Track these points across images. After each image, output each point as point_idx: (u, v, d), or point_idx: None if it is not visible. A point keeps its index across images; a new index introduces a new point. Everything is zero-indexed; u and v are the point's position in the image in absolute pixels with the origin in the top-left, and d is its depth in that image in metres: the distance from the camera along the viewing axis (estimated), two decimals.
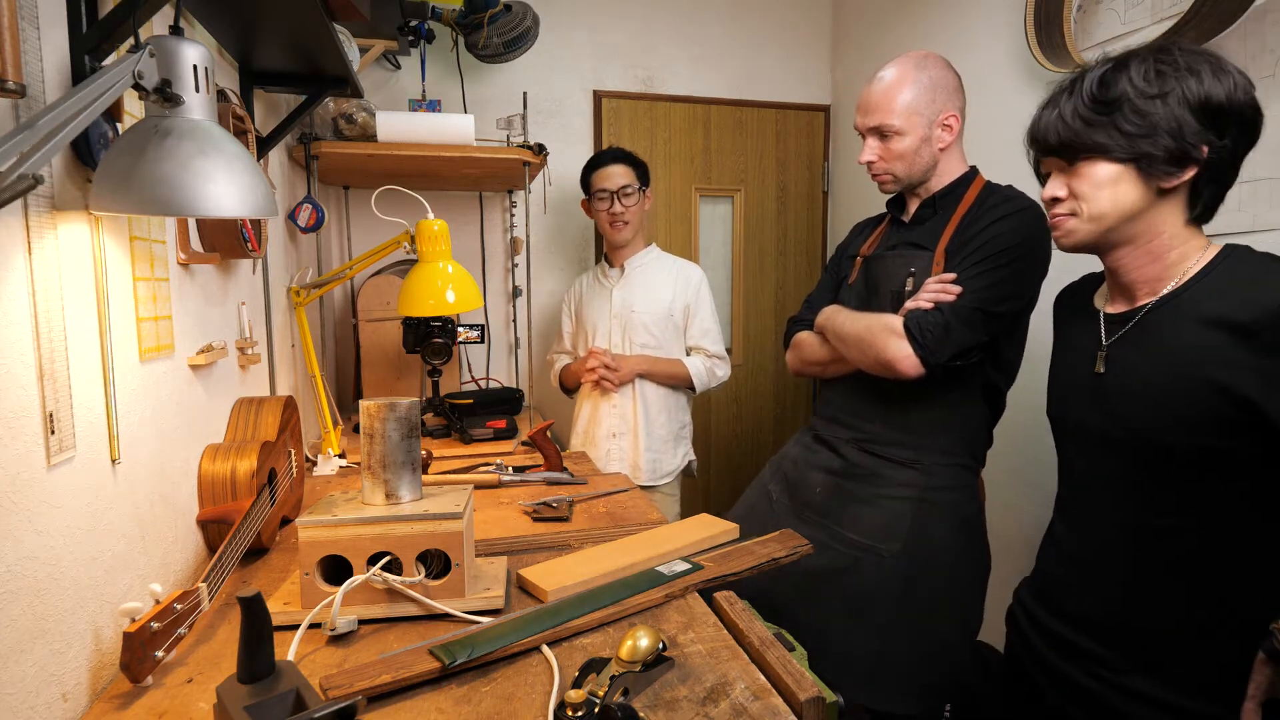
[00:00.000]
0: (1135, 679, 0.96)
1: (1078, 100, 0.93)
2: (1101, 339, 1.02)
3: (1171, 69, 0.89)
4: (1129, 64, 0.91)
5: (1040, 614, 1.10)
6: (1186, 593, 0.93)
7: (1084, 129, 0.92)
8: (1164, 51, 0.91)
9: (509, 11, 2.28)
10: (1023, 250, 1.26)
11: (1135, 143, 0.90)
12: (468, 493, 0.99)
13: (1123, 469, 0.98)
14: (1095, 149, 0.92)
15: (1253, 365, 0.84)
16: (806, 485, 1.49)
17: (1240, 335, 0.86)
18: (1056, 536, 1.11)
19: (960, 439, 1.38)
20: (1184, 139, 0.88)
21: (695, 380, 2.11)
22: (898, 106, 1.35)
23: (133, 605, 0.77)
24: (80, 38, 0.79)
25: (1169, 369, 0.92)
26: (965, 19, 2.17)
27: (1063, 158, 0.97)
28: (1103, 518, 1.01)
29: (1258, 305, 0.85)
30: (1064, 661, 1.05)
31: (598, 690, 0.72)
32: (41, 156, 0.56)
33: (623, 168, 2.11)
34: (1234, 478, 0.89)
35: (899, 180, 1.41)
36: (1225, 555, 0.91)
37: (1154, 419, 0.93)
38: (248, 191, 0.77)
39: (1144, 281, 0.97)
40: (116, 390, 0.87)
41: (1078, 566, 1.05)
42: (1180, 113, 0.88)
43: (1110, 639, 0.99)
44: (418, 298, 1.58)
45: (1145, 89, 0.89)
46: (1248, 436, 0.86)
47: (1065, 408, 1.09)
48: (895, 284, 1.39)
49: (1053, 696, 1.07)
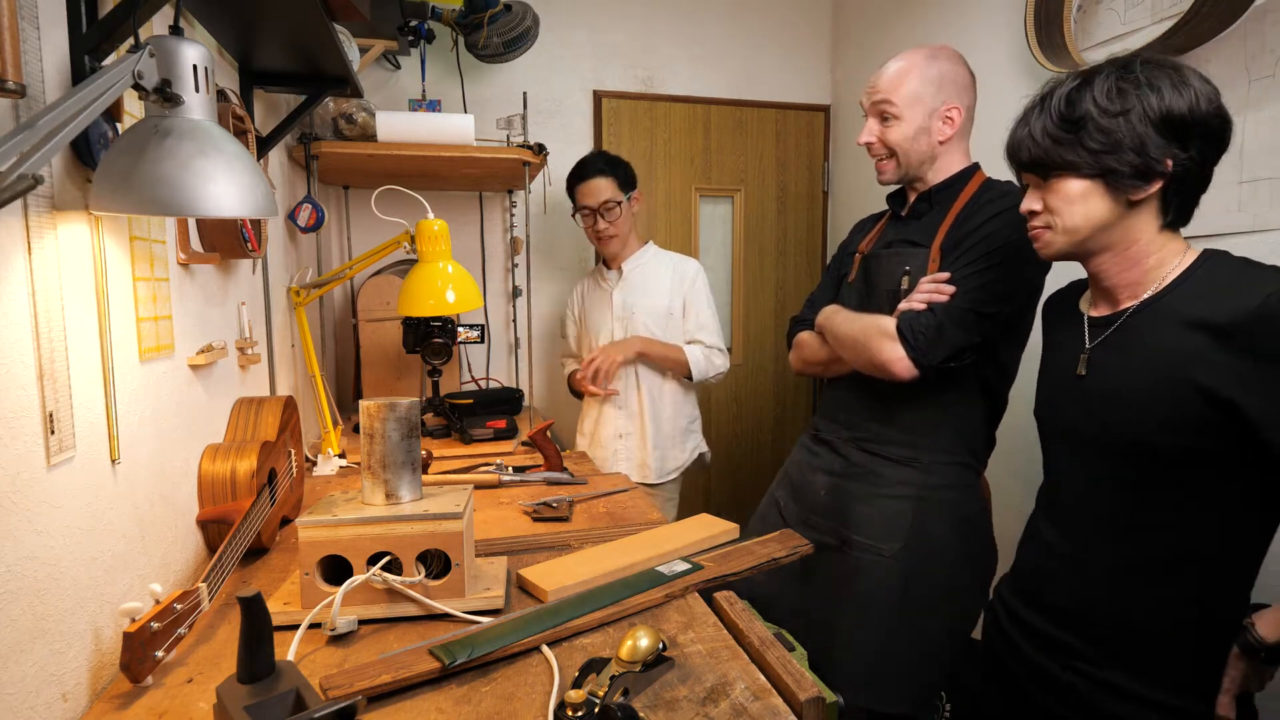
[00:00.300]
0: (1111, 672, 0.99)
1: (1046, 119, 0.96)
2: (1085, 342, 1.05)
3: (1132, 86, 0.91)
4: (1093, 81, 0.94)
5: (1018, 607, 1.12)
6: (1162, 589, 0.96)
7: (1053, 147, 0.96)
8: (1126, 68, 0.93)
9: (509, 11, 2.28)
10: (1016, 246, 1.26)
11: (1101, 159, 0.93)
12: (468, 493, 0.99)
13: (1103, 469, 1.01)
14: (1065, 166, 0.96)
15: (1232, 366, 0.87)
16: (811, 489, 1.50)
17: (1220, 337, 0.88)
18: (1037, 532, 1.13)
19: (959, 437, 1.38)
20: (1147, 154, 0.91)
21: (693, 367, 2.08)
22: (901, 91, 1.35)
23: (133, 605, 0.77)
24: (80, 38, 0.79)
25: (1150, 372, 0.94)
26: (965, 19, 2.17)
27: (1035, 174, 1.01)
28: (1083, 514, 1.04)
29: (1235, 308, 0.87)
30: (1039, 654, 1.07)
31: (598, 690, 0.72)
32: (41, 156, 0.56)
33: (603, 180, 2.05)
34: (1212, 478, 0.92)
35: (897, 167, 1.40)
36: (1202, 553, 0.94)
37: (1135, 421, 0.95)
38: (248, 191, 0.77)
39: (1124, 286, 1.00)
40: (116, 390, 0.87)
41: (1056, 560, 1.07)
42: (1142, 129, 0.90)
43: (1086, 632, 1.02)
44: (418, 298, 1.58)
45: (1108, 107, 0.92)
46: (1227, 437, 0.89)
47: (1050, 409, 1.12)
48: (891, 283, 1.38)
49: (1028, 687, 1.09)
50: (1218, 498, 0.92)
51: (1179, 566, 0.95)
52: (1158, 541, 0.96)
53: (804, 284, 3.00)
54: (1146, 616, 0.97)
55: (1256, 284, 0.88)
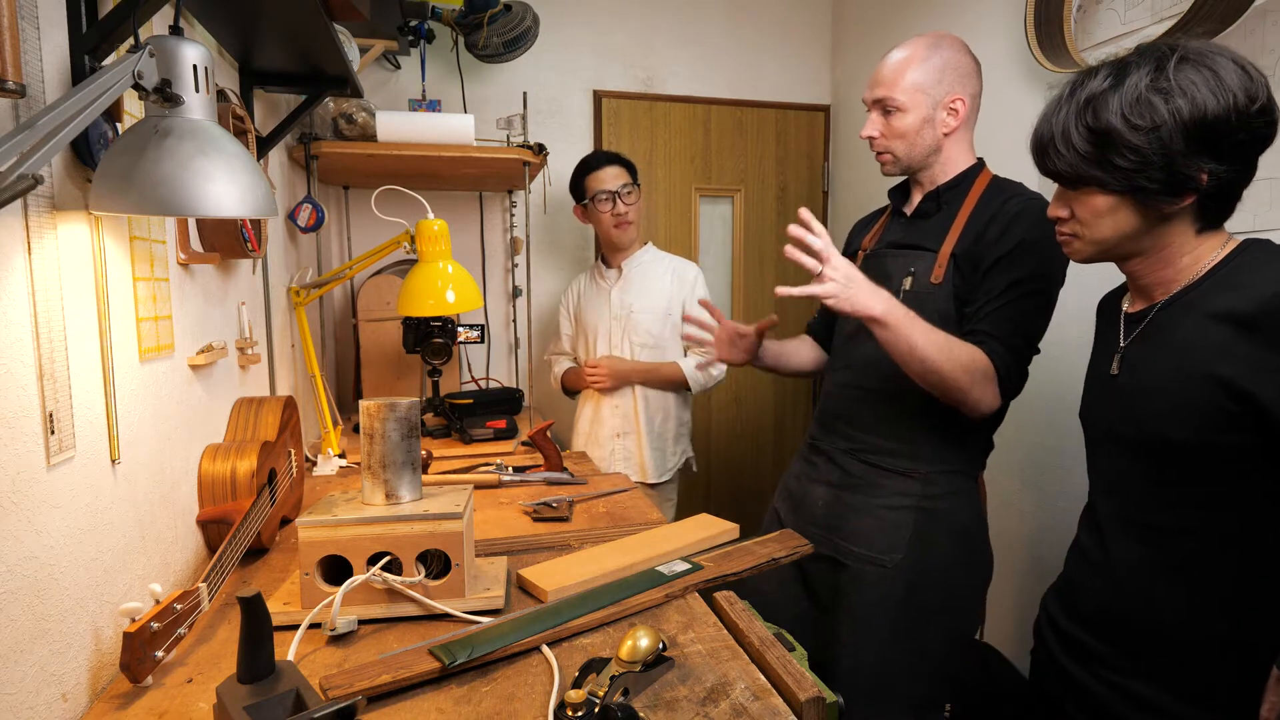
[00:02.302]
0: (1138, 683, 0.95)
1: (1072, 124, 0.91)
2: (1120, 340, 1.02)
3: (1162, 96, 0.85)
4: (1124, 83, 0.88)
5: (1060, 617, 1.09)
6: (1190, 597, 0.92)
7: (1079, 161, 0.91)
8: (1159, 68, 0.87)
9: (509, 11, 2.28)
10: (1051, 259, 1.23)
11: (1130, 177, 0.88)
12: (468, 493, 0.99)
13: (1134, 468, 0.98)
14: (1092, 181, 0.91)
15: (1252, 358, 0.83)
16: (810, 500, 1.49)
17: (1243, 329, 0.85)
18: (1078, 538, 1.10)
19: (959, 447, 1.36)
20: (1177, 170, 0.86)
21: (691, 383, 2.12)
22: (903, 83, 1.31)
23: (133, 605, 0.77)
24: (80, 38, 0.79)
25: (1176, 366, 0.91)
26: (965, 19, 2.17)
27: (1062, 184, 0.97)
28: (1115, 517, 1.01)
29: (1256, 297, 0.84)
30: (1075, 664, 1.04)
31: (598, 690, 0.72)
32: (41, 156, 0.56)
33: (617, 168, 2.11)
34: (1238, 476, 0.88)
35: (899, 161, 1.37)
36: (1229, 559, 0.90)
37: (1161, 416, 0.92)
38: (248, 191, 0.77)
39: (1159, 284, 0.97)
40: (116, 390, 0.87)
41: (1091, 567, 1.04)
42: (1173, 144, 0.85)
43: (1116, 641, 0.99)
44: (418, 298, 1.58)
45: (1137, 123, 0.86)
46: (1251, 432, 0.85)
47: (1089, 409, 1.09)
48: (894, 284, 1.36)
49: (1064, 699, 1.06)
50: (1245, 498, 0.88)
51: (1206, 573, 0.91)
52: (1184, 546, 0.92)
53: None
54: (1176, 627, 0.92)
55: None
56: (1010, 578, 2.02)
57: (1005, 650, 1.92)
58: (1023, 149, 1.05)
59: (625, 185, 2.09)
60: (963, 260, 1.28)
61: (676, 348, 2.16)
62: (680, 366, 2.11)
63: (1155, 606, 0.95)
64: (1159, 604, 0.94)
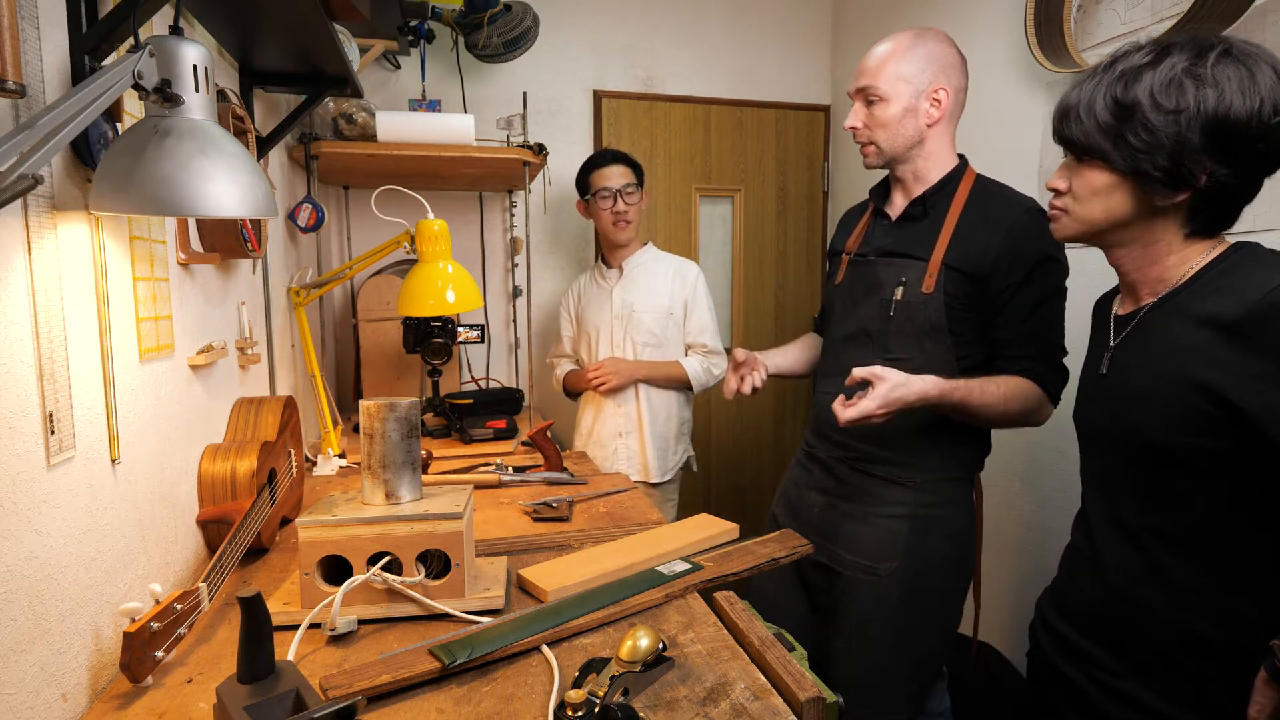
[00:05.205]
0: (1128, 683, 0.96)
1: (1101, 93, 0.90)
2: (1110, 341, 1.02)
3: (1194, 82, 0.84)
4: (1160, 63, 0.87)
5: (1053, 618, 1.09)
6: (1174, 598, 0.92)
7: (1094, 130, 0.91)
8: (1200, 55, 0.85)
9: (509, 11, 2.28)
10: (1056, 259, 1.28)
11: (1136, 158, 0.88)
12: (468, 493, 0.99)
13: (1121, 470, 0.98)
14: (1099, 153, 0.91)
15: (1235, 364, 0.83)
16: (806, 506, 1.49)
17: (1226, 334, 0.85)
18: (1072, 539, 1.11)
19: (954, 453, 1.36)
20: (1182, 162, 0.85)
21: (693, 382, 2.12)
22: (886, 72, 1.31)
23: (133, 605, 0.77)
24: (80, 38, 0.79)
25: (1160, 368, 0.92)
26: (965, 19, 2.17)
27: (1071, 152, 0.96)
28: (1105, 518, 1.01)
29: (1241, 302, 0.84)
30: (1068, 665, 1.04)
31: (598, 690, 0.72)
32: (41, 156, 0.56)
33: (622, 168, 2.12)
34: (1220, 479, 0.88)
35: (881, 152, 1.35)
36: (1215, 562, 0.90)
37: (1147, 419, 0.93)
38: (248, 191, 0.77)
39: (1146, 282, 0.97)
40: (116, 390, 0.87)
41: (1080, 566, 1.05)
42: (1187, 134, 0.84)
43: (1106, 641, 0.99)
44: (418, 298, 1.58)
45: (1162, 102, 0.85)
46: (1232, 437, 0.85)
47: (1081, 409, 1.09)
48: (885, 293, 1.36)
49: (1059, 701, 1.06)
50: (1227, 501, 0.88)
51: (1191, 576, 0.91)
52: (1170, 548, 0.92)
53: (804, 284, 3.00)
54: (1162, 628, 0.93)
55: (1269, 278, 0.84)
56: (1010, 578, 2.02)
57: (1005, 651, 1.92)
58: (1022, 149, 1.05)
59: (628, 185, 2.09)
60: (956, 271, 1.29)
61: (678, 346, 2.17)
62: (682, 365, 2.12)
63: (1142, 607, 0.95)
64: (1145, 605, 0.95)
